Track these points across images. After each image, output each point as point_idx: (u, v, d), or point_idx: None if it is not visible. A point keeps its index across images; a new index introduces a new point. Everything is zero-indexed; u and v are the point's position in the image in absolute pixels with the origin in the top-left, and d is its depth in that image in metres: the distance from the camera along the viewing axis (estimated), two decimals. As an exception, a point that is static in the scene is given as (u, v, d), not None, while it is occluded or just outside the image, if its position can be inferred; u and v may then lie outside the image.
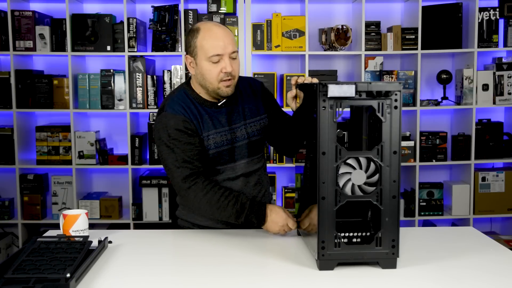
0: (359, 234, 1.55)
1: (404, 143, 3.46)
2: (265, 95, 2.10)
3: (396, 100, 1.48)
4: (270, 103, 2.11)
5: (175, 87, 3.43)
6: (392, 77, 3.52)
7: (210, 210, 1.86)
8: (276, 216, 1.83)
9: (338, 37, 3.41)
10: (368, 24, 3.47)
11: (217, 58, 1.86)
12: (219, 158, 1.95)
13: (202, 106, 1.95)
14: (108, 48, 3.41)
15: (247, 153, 2.00)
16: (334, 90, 1.45)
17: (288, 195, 3.54)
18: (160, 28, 3.41)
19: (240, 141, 1.98)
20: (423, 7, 3.46)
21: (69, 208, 3.47)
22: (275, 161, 3.50)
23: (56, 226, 2.12)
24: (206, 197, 1.84)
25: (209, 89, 1.92)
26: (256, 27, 3.42)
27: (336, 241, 1.50)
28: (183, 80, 3.42)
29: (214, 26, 1.90)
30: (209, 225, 1.99)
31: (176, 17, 3.41)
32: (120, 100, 3.45)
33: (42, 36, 3.38)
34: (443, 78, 3.54)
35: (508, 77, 3.51)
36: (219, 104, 1.96)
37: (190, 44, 1.92)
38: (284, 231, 1.84)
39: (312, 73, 3.43)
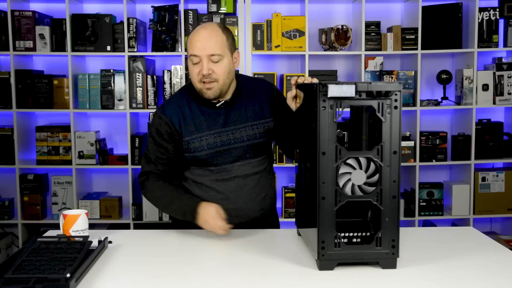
0: (359, 234, 1.55)
1: (404, 143, 3.46)
2: (276, 99, 2.06)
3: (396, 100, 1.48)
4: (281, 108, 2.05)
5: (175, 87, 3.44)
6: (392, 77, 3.52)
7: (157, 206, 2.00)
8: (206, 215, 1.82)
9: (338, 37, 3.41)
10: (368, 24, 3.47)
11: (195, 59, 1.88)
12: (211, 159, 1.96)
13: (200, 106, 1.96)
14: (108, 48, 3.41)
15: (246, 155, 1.99)
16: (334, 90, 1.45)
17: (288, 195, 3.54)
18: (160, 28, 3.41)
19: (238, 142, 1.97)
20: (423, 7, 3.46)
21: (69, 208, 3.47)
22: (275, 161, 3.50)
23: (56, 226, 2.12)
24: (153, 195, 1.98)
25: (196, 89, 1.94)
26: (256, 27, 3.42)
27: (336, 241, 1.50)
28: (183, 80, 3.43)
29: (202, 28, 1.91)
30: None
31: (176, 17, 3.41)
32: (120, 100, 3.45)
33: (42, 36, 3.38)
34: (443, 78, 3.54)
35: (508, 77, 3.51)
36: (217, 105, 1.97)
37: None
38: (221, 230, 1.79)
39: (312, 73, 3.43)
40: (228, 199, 1.98)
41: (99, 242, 1.70)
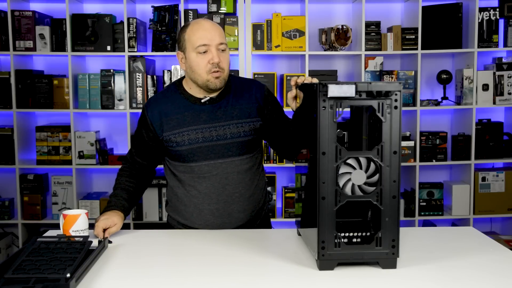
0: (359, 234, 1.55)
1: (404, 143, 3.46)
2: (267, 101, 2.04)
3: (396, 100, 1.48)
4: (271, 110, 2.05)
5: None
6: (392, 77, 3.52)
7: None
8: (103, 217, 1.86)
9: (338, 37, 3.41)
10: (368, 24, 3.47)
11: (204, 49, 1.90)
12: (192, 154, 1.95)
13: (185, 101, 1.97)
14: (108, 48, 3.41)
15: (228, 153, 1.96)
16: (334, 90, 1.45)
17: (288, 195, 3.54)
18: (160, 28, 3.41)
19: (221, 139, 1.95)
20: (423, 7, 3.46)
21: (69, 208, 3.47)
22: (275, 161, 3.50)
23: (56, 226, 2.12)
24: (116, 177, 2.10)
25: (198, 82, 1.94)
26: (256, 27, 3.42)
27: (336, 241, 1.50)
28: (183, 80, 3.43)
29: (202, 20, 1.96)
30: (190, 225, 2.02)
31: (176, 17, 3.41)
32: (120, 100, 3.46)
33: (42, 36, 3.38)
34: (443, 78, 3.54)
35: (508, 77, 3.51)
36: (202, 101, 1.96)
37: (180, 40, 1.96)
38: (97, 233, 1.81)
39: (312, 73, 3.43)
40: (209, 199, 1.96)
41: (99, 242, 1.70)
